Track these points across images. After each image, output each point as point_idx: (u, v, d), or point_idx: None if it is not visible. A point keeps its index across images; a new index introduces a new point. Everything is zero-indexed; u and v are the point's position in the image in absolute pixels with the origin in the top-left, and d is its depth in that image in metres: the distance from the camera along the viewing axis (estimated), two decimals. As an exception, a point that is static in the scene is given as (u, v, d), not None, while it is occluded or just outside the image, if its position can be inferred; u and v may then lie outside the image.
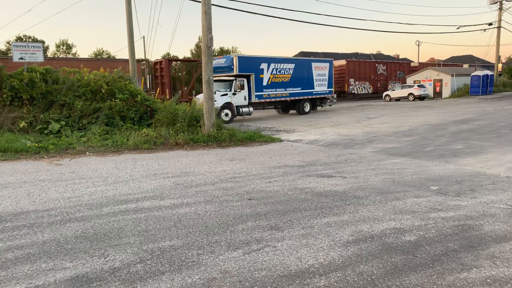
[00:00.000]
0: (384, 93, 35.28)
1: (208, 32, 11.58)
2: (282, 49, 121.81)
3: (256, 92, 19.97)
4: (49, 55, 41.57)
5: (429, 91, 34.70)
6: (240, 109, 19.23)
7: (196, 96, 19.45)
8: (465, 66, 45.74)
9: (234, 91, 19.03)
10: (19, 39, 42.43)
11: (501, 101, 26.63)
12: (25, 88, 12.18)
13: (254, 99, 19.91)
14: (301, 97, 22.55)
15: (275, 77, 20.96)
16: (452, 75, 34.84)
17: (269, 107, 22.56)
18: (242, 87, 19.35)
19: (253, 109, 20.22)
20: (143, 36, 44.25)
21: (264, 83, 20.43)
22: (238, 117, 19.49)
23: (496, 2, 35.58)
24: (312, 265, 3.41)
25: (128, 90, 13.27)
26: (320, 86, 23.80)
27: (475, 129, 13.03)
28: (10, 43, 14.85)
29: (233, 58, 19.14)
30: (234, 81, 19.12)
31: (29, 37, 46.43)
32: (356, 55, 55.95)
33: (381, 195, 5.59)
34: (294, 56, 43.49)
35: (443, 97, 34.74)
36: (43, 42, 46.04)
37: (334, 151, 9.76)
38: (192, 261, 3.52)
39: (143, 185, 6.37)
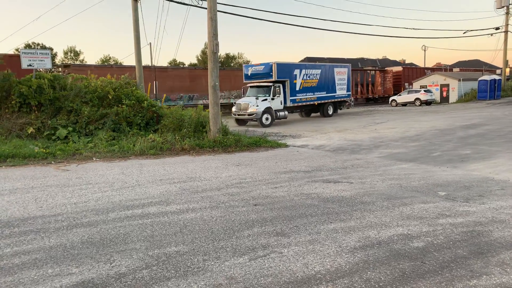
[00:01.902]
0: (391, 98, 35.19)
1: (214, 38, 11.64)
2: (287, 54, 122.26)
3: (290, 96, 21.01)
4: (57, 62, 42.08)
5: (436, 96, 34.50)
6: (278, 113, 20.20)
7: (237, 101, 20.11)
8: (499, 71, 45.63)
9: (273, 96, 19.92)
10: (28, 46, 43.04)
11: (509, 105, 26.37)
12: (34, 95, 12.32)
13: (288, 103, 20.96)
14: (326, 101, 23.87)
15: (305, 82, 22.10)
16: (459, 80, 34.60)
17: (296, 111, 23.69)
18: (279, 92, 20.36)
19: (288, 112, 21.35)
20: (150, 43, 44.64)
21: (297, 88, 21.53)
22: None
23: (503, 7, 35.31)
24: (319, 271, 3.38)
25: (135, 96, 13.38)
26: (341, 90, 25.27)
27: (483, 134, 12.90)
28: (19, 50, 15.04)
29: (272, 65, 20.08)
30: (272, 87, 20.06)
31: (38, 44, 47.11)
32: (361, 60, 55.94)
33: (388, 201, 5.54)
34: (299, 61, 44.00)
35: (450, 102, 34.50)
36: (51, 49, 46.65)
37: (340, 156, 9.71)
38: (197, 267, 3.51)
39: (149, 191, 6.38)
